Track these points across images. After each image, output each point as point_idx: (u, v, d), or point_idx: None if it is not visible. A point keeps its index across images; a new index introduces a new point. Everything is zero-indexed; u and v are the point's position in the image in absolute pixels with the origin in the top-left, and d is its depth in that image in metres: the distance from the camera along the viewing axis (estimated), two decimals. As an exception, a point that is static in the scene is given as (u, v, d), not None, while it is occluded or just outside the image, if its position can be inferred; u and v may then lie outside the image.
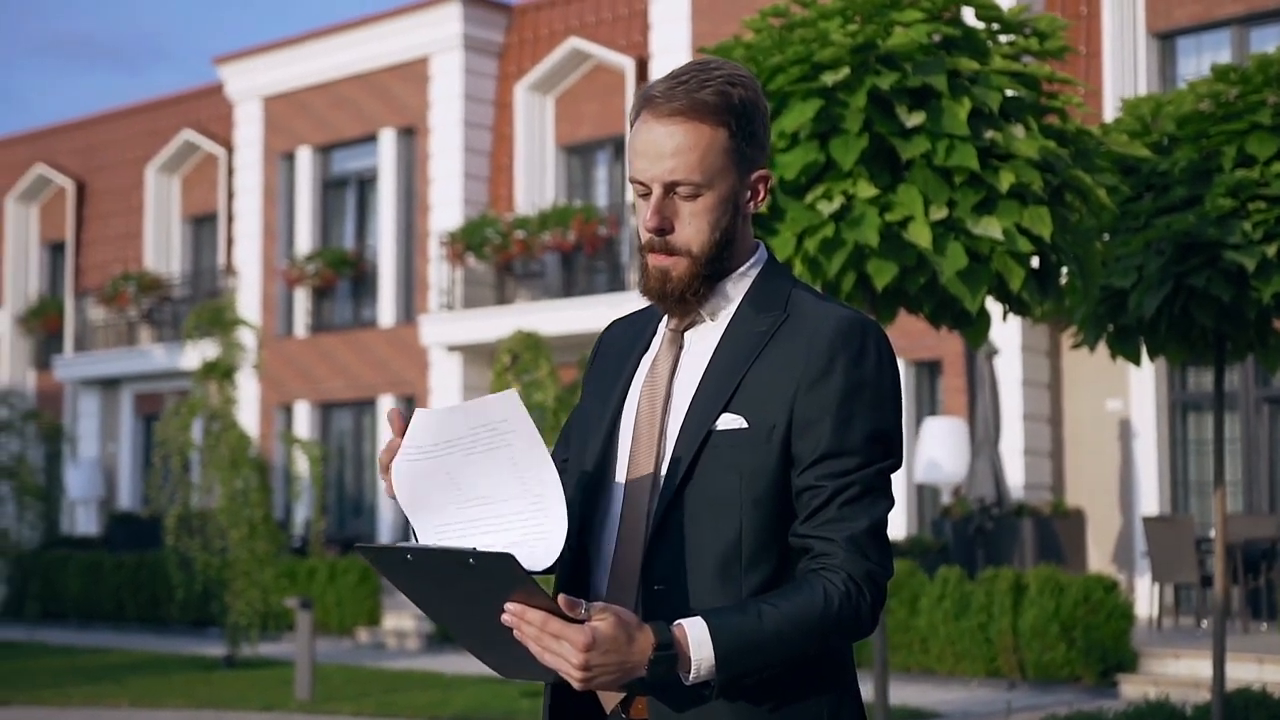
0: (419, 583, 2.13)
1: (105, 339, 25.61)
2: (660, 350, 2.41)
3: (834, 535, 2.22)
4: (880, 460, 2.27)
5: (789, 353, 2.28)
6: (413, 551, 2.07)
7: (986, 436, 15.24)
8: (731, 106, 2.29)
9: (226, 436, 15.15)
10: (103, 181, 26.85)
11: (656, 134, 2.28)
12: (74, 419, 26.30)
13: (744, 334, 2.33)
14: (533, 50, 21.49)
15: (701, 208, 2.30)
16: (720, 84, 2.29)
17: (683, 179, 2.27)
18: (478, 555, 2.01)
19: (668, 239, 2.31)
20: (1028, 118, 6.44)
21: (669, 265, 2.32)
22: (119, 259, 26.07)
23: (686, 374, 2.35)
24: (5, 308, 27.82)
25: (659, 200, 2.30)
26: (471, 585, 2.06)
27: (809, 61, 6.22)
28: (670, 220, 2.30)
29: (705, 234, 2.31)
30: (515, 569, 2.01)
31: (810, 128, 6.19)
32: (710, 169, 2.28)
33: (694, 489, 2.27)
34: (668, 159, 2.28)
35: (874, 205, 6.18)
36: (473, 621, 2.13)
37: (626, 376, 2.44)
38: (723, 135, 2.28)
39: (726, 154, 2.29)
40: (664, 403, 2.34)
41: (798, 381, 2.25)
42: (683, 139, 2.27)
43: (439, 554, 2.05)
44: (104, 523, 24.26)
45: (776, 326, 2.31)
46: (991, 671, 13.17)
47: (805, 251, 6.24)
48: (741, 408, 2.27)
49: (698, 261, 2.31)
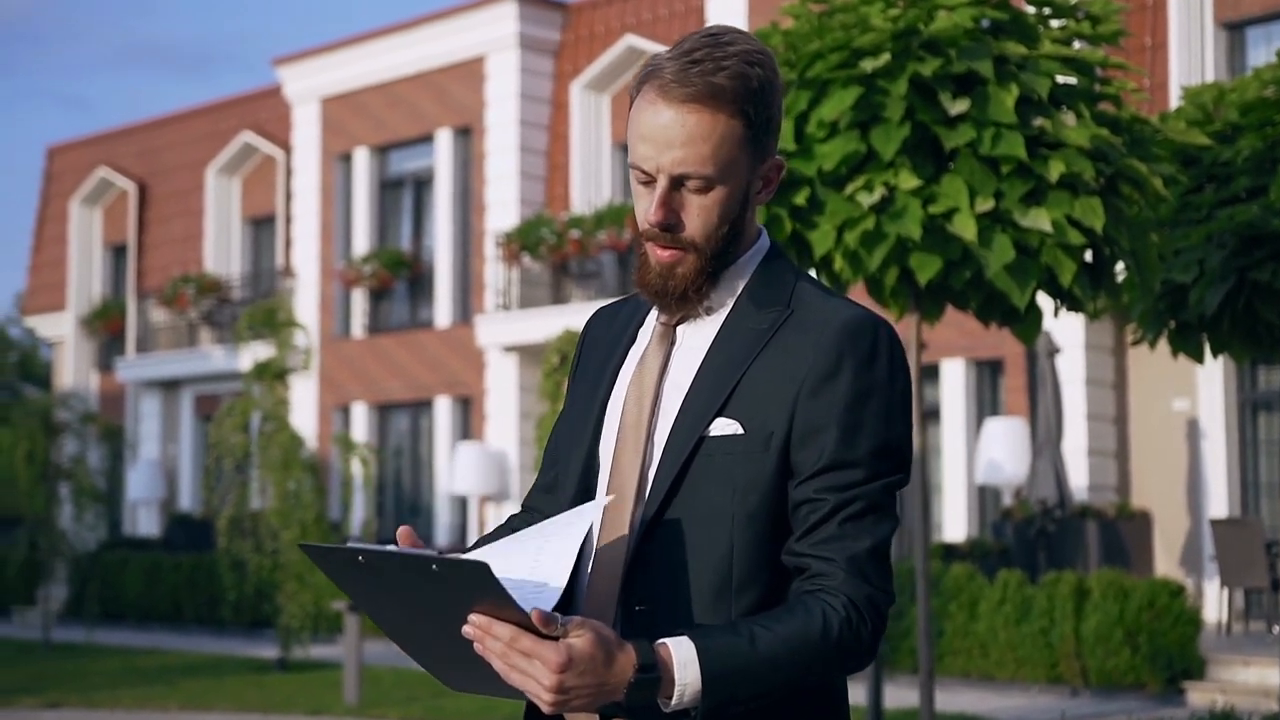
0: (370, 588, 1.96)
1: (166, 341, 25.72)
2: (650, 346, 2.19)
3: (834, 555, 2.01)
4: (888, 474, 2.05)
5: (791, 353, 2.07)
6: (366, 554, 1.89)
7: (1048, 437, 14.91)
8: (750, 92, 2.06)
9: (278, 438, 15.09)
10: (164, 184, 26.98)
11: (665, 119, 2.04)
12: (135, 420, 26.43)
13: (743, 331, 2.12)
14: (588, 48, 21.33)
15: (712, 201, 2.08)
16: (737, 64, 2.05)
17: (693, 172, 2.05)
18: (442, 562, 1.83)
19: (675, 233, 2.09)
20: (1079, 105, 6.19)
21: (674, 260, 2.10)
22: (179, 261, 26.18)
23: (678, 373, 2.14)
24: (69, 310, 28.02)
25: (665, 192, 2.07)
26: (431, 594, 1.88)
27: (849, 48, 6.00)
28: (677, 214, 2.09)
29: (713, 228, 2.09)
30: (487, 577, 1.82)
31: (850, 116, 5.98)
32: (723, 161, 2.06)
33: (682, 500, 2.06)
34: (677, 149, 2.04)
35: (917, 197, 5.95)
36: (428, 633, 1.96)
37: (611, 373, 2.22)
38: (738, 125, 2.06)
39: (741, 144, 2.07)
40: (652, 404, 2.13)
41: (800, 385, 2.04)
42: (695, 128, 2.04)
43: (397, 558, 1.87)
44: (164, 524, 24.35)
45: (779, 324, 2.10)
46: (1053, 678, 12.86)
47: (845, 245, 6.02)
48: (737, 412, 2.06)
49: (704, 256, 2.10)
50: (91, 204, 28.28)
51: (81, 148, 28.72)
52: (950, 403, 17.19)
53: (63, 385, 27.49)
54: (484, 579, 1.81)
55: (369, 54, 22.95)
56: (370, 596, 1.97)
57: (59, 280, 28.52)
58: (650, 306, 2.21)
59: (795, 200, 6.06)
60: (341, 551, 1.90)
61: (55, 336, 28.67)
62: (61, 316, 28.24)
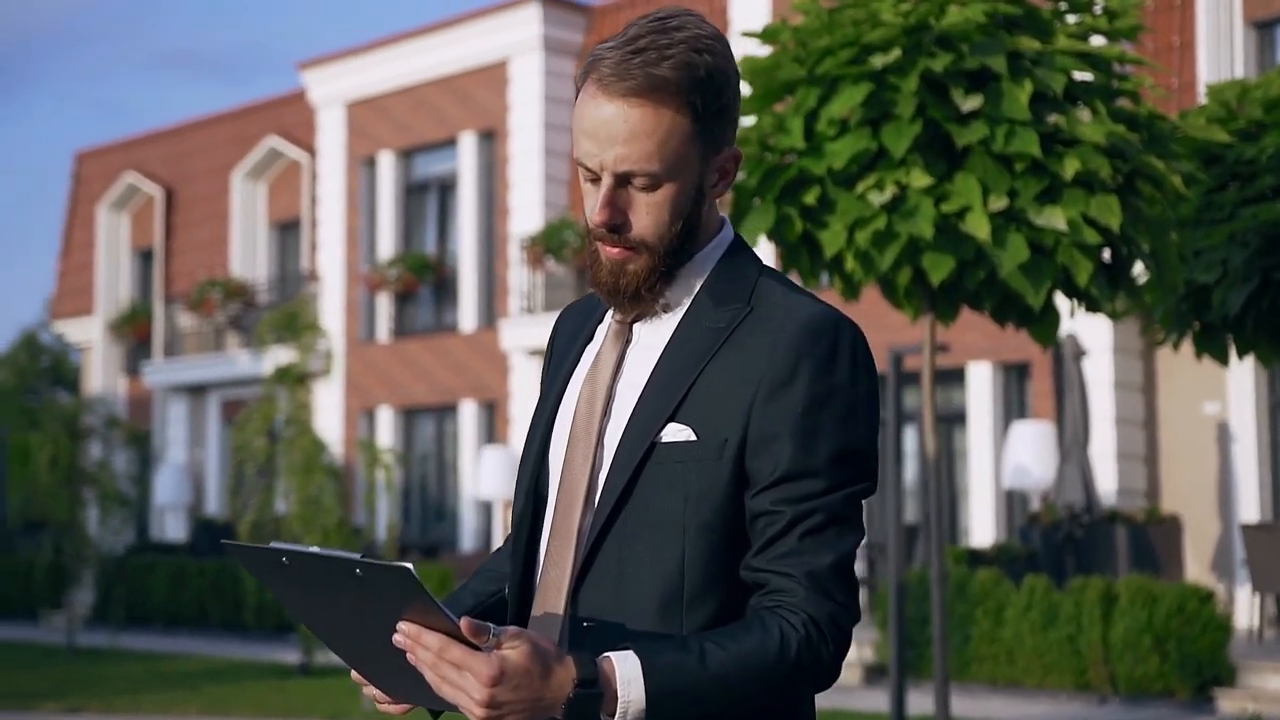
0: (300, 592, 1.86)
1: (193, 345, 25.76)
2: (604, 344, 2.08)
3: (793, 570, 1.89)
4: (850, 484, 1.93)
5: (748, 354, 1.95)
6: (290, 555, 1.79)
7: (1075, 440, 14.74)
8: (696, 82, 1.94)
9: (300, 442, 15.04)
10: (191, 188, 27.03)
11: (606, 114, 1.93)
12: (163, 425, 26.47)
13: (700, 329, 2.00)
14: (613, 50, 21.23)
15: (661, 199, 1.97)
16: (683, 53, 1.93)
17: (638, 170, 1.94)
18: (366, 565, 1.73)
19: (623, 233, 1.98)
20: (1095, 101, 6.05)
21: (624, 259, 1.99)
22: (206, 265, 26.22)
23: (632, 373, 2.03)
24: (97, 315, 28.09)
25: (610, 191, 1.96)
26: (359, 599, 1.79)
27: (859, 44, 5.88)
28: (623, 213, 1.97)
29: (664, 227, 1.98)
30: (410, 583, 1.72)
31: (860, 114, 5.87)
32: (670, 157, 1.94)
33: (633, 509, 1.95)
34: (619, 145, 1.93)
35: (929, 195, 5.83)
36: (359, 639, 1.86)
37: (567, 373, 2.12)
38: (685, 118, 1.94)
39: (689, 138, 1.96)
40: (604, 405, 2.02)
41: (756, 388, 1.93)
42: (638, 123, 1.93)
43: (322, 560, 1.77)
44: (191, 529, 24.37)
45: (737, 322, 1.98)
46: (1081, 685, 12.68)
47: (856, 245, 5.90)
48: (690, 417, 1.94)
49: (655, 254, 1.99)
50: (119, 209, 28.35)
51: (109, 153, 28.81)
52: (976, 406, 17.03)
53: (91, 390, 27.55)
54: (408, 584, 1.72)
55: (393, 58, 22.93)
56: (301, 601, 1.88)
57: (87, 285, 28.61)
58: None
59: (805, 199, 5.95)
60: (265, 552, 1.81)
61: (83, 341, 28.75)
62: (89, 321, 28.33)
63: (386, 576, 1.73)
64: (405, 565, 1.71)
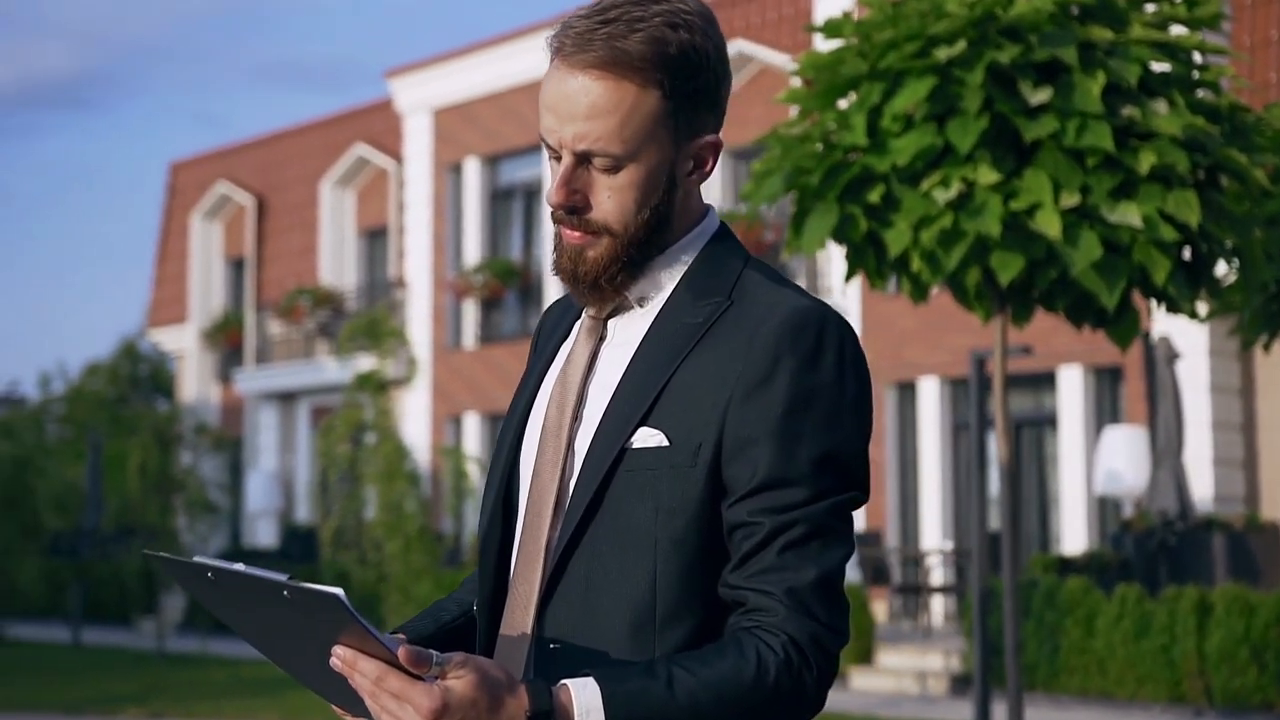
0: (230, 606, 1.76)
1: (283, 353, 25.96)
2: (577, 342, 1.93)
3: (772, 588, 1.73)
4: (835, 492, 1.76)
5: (726, 352, 1.79)
6: (216, 571, 1.68)
7: (1168, 446, 14.36)
8: (666, 59, 1.78)
9: (382, 449, 15.05)
10: (281, 197, 27.27)
11: (568, 87, 1.79)
12: (254, 432, 26.70)
13: (676, 325, 1.84)
14: (697, 54, 21.09)
15: (624, 183, 1.82)
16: (655, 27, 1.78)
17: (598, 149, 1.79)
18: (294, 589, 1.61)
19: (582, 216, 1.84)
20: (1173, 93, 5.81)
21: (582, 244, 1.85)
22: (295, 273, 26.42)
23: (604, 373, 1.87)
24: (191, 323, 28.41)
25: (568, 170, 1.82)
26: (290, 620, 1.68)
27: (923, 36, 5.69)
28: (583, 195, 1.83)
29: (629, 213, 1.83)
30: (340, 610, 1.59)
31: (925, 108, 5.67)
32: (634, 138, 1.79)
33: (602, 521, 1.80)
34: (580, 121, 1.78)
35: (997, 192, 5.63)
36: (300, 655, 1.75)
37: (540, 372, 1.98)
38: (653, 97, 1.79)
39: (657, 120, 1.80)
40: (574, 408, 1.87)
41: (732, 388, 1.77)
42: (599, 98, 1.78)
43: (248, 578, 1.65)
44: (281, 535, 24.55)
45: (715, 317, 1.82)
46: (1175, 697, 12.34)
47: (922, 244, 5.71)
48: (663, 420, 1.79)
49: (618, 242, 1.84)
50: (212, 218, 28.67)
51: (203, 163, 29.15)
52: (1068, 411, 16.68)
53: (185, 398, 27.88)
54: (337, 610, 1.59)
55: (478, 64, 22.96)
56: (235, 616, 1.77)
57: (181, 294, 28.96)
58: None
59: (869, 198, 5.77)
60: (190, 566, 1.70)
61: (178, 349, 29.10)
62: (184, 329, 28.67)
63: (314, 600, 1.61)
64: (335, 591, 1.59)
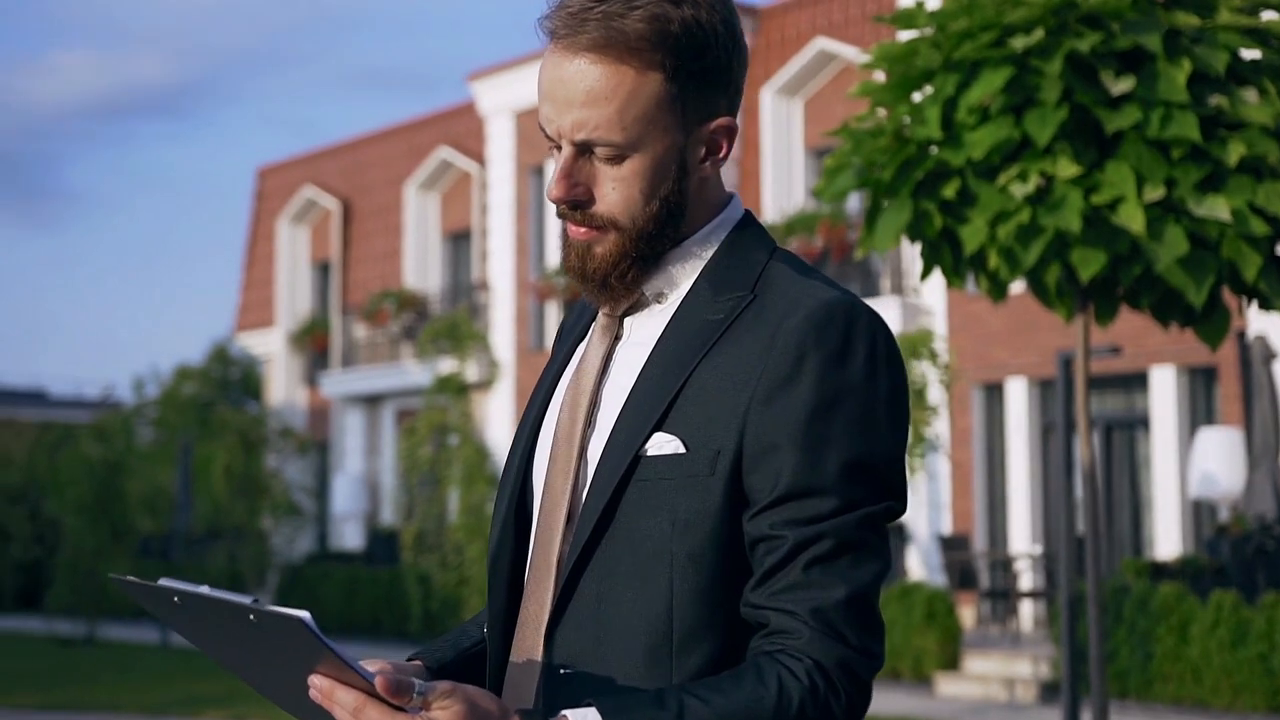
0: (200, 629, 1.65)
1: (368, 356, 26.07)
2: (590, 342, 1.80)
3: (796, 608, 1.58)
4: (866, 502, 1.61)
5: (747, 350, 1.65)
6: (182, 595, 1.57)
7: (1265, 448, 13.96)
8: (668, 38, 1.65)
9: (463, 451, 15.02)
10: (366, 201, 27.41)
11: (565, 72, 1.66)
12: (340, 435, 26.84)
13: (695, 323, 1.70)
14: (780, 52, 20.91)
15: (628, 173, 1.68)
16: (654, 4, 1.65)
17: (598, 138, 1.66)
18: (260, 612, 1.50)
19: (586, 210, 1.70)
20: (1264, 81, 5.57)
21: (589, 240, 1.71)
22: (380, 277, 26.53)
23: (620, 374, 1.74)
24: (279, 327, 28.63)
25: (568, 162, 1.69)
26: (261, 644, 1.57)
27: (999, 25, 5.49)
28: (585, 187, 1.69)
29: (636, 205, 1.69)
30: (307, 637, 1.48)
31: (1002, 100, 5.47)
32: (636, 125, 1.66)
33: (614, 536, 1.66)
34: (578, 109, 1.66)
35: (1077, 186, 5.42)
36: (275, 681, 1.64)
37: (555, 375, 1.84)
38: (655, 79, 1.66)
39: (661, 104, 1.67)
40: (587, 412, 1.74)
41: (753, 390, 1.63)
42: (596, 83, 1.65)
43: (214, 602, 1.55)
44: (366, 538, 24.65)
45: (736, 313, 1.68)
46: (1274, 707, 11.98)
47: (999, 241, 5.51)
48: (679, 425, 1.65)
49: (627, 237, 1.70)
50: (298, 222, 28.88)
51: (289, 168, 29.38)
52: (1160, 412, 16.29)
53: (273, 401, 28.09)
54: (302, 633, 1.48)
55: (560, 66, 22.91)
56: (205, 640, 1.67)
57: (268, 298, 29.19)
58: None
59: (944, 193, 5.58)
60: (155, 590, 1.59)
61: (266, 353, 29.34)
62: (271, 333, 28.90)
63: (281, 625, 1.49)
64: (300, 614, 1.47)
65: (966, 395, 17.74)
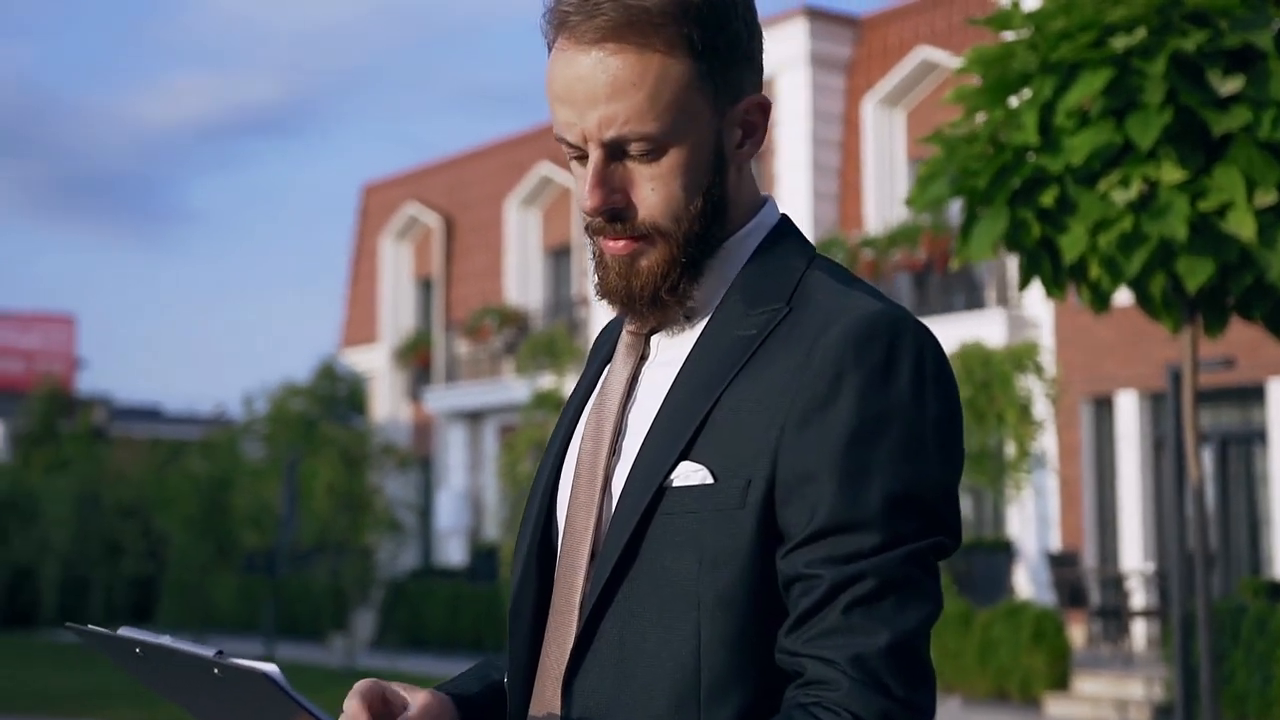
0: (165, 680, 1.56)
1: (470, 372, 26.15)
2: (615, 363, 1.65)
3: (834, 655, 1.42)
4: (913, 537, 1.45)
5: (781, 369, 1.49)
6: (144, 646, 1.48)
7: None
8: (689, 9, 1.50)
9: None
10: (468, 217, 27.52)
11: (581, 68, 1.51)
12: (444, 451, 26.93)
13: (726, 339, 1.54)
14: (881, 63, 20.65)
15: (668, 169, 1.52)
16: None
17: (631, 133, 1.51)
18: (225, 666, 1.40)
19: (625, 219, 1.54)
20: (1383, 78, 5.28)
21: (632, 253, 1.55)
22: (482, 293, 26.62)
23: (644, 398, 1.59)
24: (383, 343, 28.82)
25: (600, 167, 1.53)
26: (232, 696, 1.47)
27: (1099, 25, 5.26)
28: (624, 193, 1.53)
29: (679, 204, 1.53)
30: (274, 691, 1.39)
31: (1102, 103, 5.25)
32: (670, 112, 1.51)
33: (638, 576, 1.51)
34: (601, 105, 1.50)
35: (1182, 192, 5.18)
36: None
37: (581, 398, 1.69)
38: (682, 58, 1.51)
39: (692, 85, 1.51)
40: (611, 441, 1.59)
41: (787, 413, 1.47)
42: (620, 71, 1.49)
43: (178, 654, 1.46)
44: (470, 554, 24.69)
45: (770, 328, 1.52)
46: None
47: (1100, 250, 5.28)
48: (707, 453, 1.49)
49: (673, 242, 1.54)
50: (401, 238, 29.07)
51: (392, 186, 29.61)
52: (1278, 426, 15.79)
53: (378, 417, 28.28)
54: (266, 686, 1.38)
55: (660, 80, 22.85)
56: (172, 691, 1.57)
57: (372, 315, 29.42)
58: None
59: (1042, 201, 5.37)
60: (116, 640, 1.49)
61: (370, 369, 29.56)
62: (375, 349, 29.11)
63: (245, 679, 1.39)
64: (265, 669, 1.37)
65: (1075, 409, 17.35)
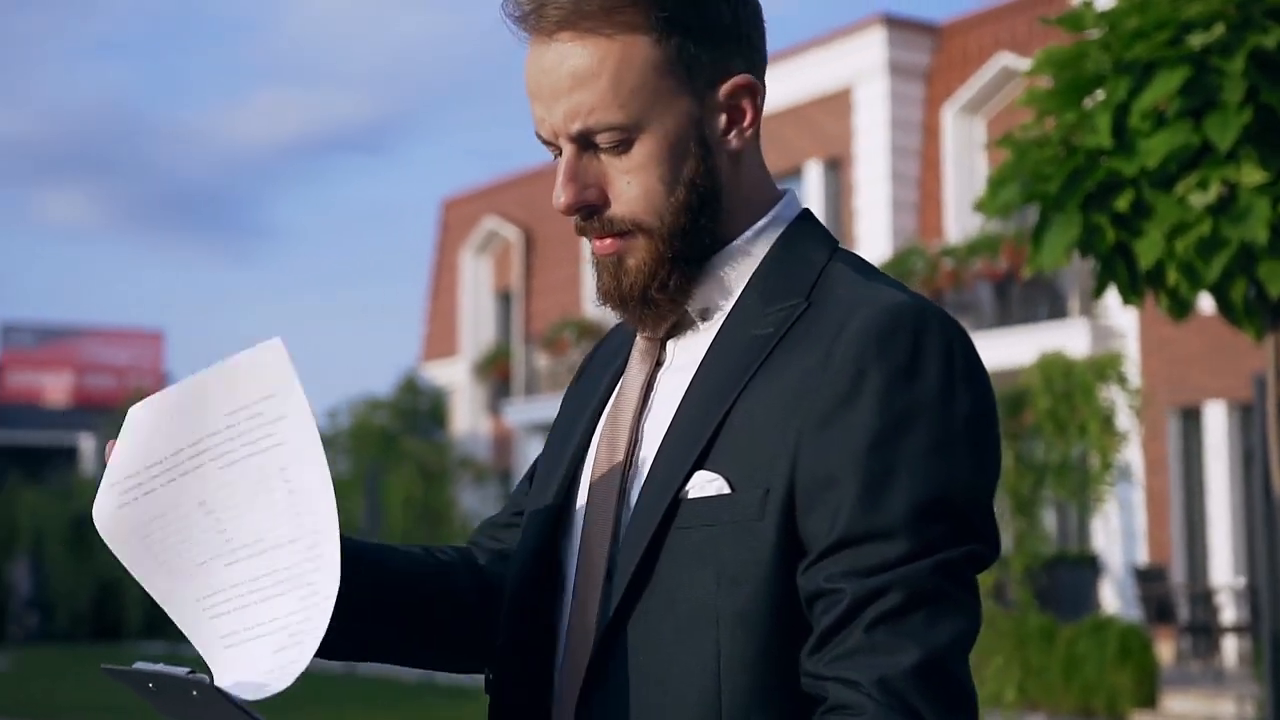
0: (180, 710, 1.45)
1: (550, 385, 26.16)
2: (630, 370, 1.56)
3: (858, 677, 1.31)
4: (943, 546, 1.33)
5: (800, 368, 1.39)
6: (156, 680, 1.41)
7: None
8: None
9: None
10: (546, 230, 27.57)
11: (545, 61, 1.44)
12: (524, 464, 26.95)
13: (743, 340, 1.45)
14: (961, 70, 20.42)
15: (640, 160, 1.45)
16: None
17: (595, 123, 1.43)
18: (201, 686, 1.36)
19: (603, 215, 1.47)
20: None
21: (617, 251, 1.48)
22: (561, 306, 26.65)
23: (661, 405, 1.50)
24: (463, 356, 28.94)
25: (571, 163, 1.46)
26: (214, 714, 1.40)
27: (1175, 22, 5.10)
28: (597, 189, 1.46)
29: (659, 197, 1.45)
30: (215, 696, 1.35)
31: (1178, 103, 5.09)
32: (636, 98, 1.43)
33: (654, 593, 1.41)
34: (565, 97, 1.44)
35: (1264, 194, 5.01)
36: None
37: (595, 407, 1.60)
38: (645, 40, 1.43)
39: (659, 68, 1.43)
40: (627, 451, 1.49)
41: (804, 416, 1.36)
42: (579, 61, 1.42)
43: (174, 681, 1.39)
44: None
45: (788, 325, 1.43)
46: None
47: (1177, 255, 5.11)
48: (723, 461, 1.40)
49: (657, 236, 1.46)
50: (481, 252, 29.18)
51: (472, 200, 29.75)
52: (1372, 436, 15.38)
53: (458, 430, 28.37)
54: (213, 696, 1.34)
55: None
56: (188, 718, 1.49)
57: (452, 329, 29.56)
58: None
59: (1117, 205, 5.22)
60: (135, 675, 1.42)
61: (450, 383, 29.68)
62: (455, 363, 29.23)
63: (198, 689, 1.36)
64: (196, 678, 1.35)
65: (1161, 421, 17.01)
